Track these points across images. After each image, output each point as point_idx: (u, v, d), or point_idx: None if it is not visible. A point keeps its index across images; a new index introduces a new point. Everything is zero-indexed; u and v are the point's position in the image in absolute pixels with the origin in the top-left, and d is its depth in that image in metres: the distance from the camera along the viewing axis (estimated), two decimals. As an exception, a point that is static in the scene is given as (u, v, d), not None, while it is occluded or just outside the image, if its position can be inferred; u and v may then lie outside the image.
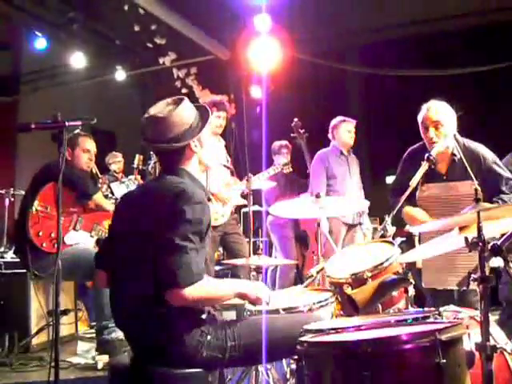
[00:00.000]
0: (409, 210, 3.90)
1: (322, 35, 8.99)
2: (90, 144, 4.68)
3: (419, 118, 3.93)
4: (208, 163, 2.78)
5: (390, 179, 12.07)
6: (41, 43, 8.20)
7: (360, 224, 6.14)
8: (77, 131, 4.62)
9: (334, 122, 6.18)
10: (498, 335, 2.70)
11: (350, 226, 6.04)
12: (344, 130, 6.10)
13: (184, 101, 2.68)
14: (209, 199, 2.74)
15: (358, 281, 3.03)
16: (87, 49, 8.64)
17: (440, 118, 3.82)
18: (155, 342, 2.47)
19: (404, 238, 4.84)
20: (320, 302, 3.08)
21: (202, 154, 2.71)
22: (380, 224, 6.36)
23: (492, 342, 2.18)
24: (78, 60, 8.50)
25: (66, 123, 2.63)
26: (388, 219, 3.63)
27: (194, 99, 8.66)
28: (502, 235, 2.50)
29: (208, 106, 2.87)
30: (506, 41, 7.82)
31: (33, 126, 2.62)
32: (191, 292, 2.35)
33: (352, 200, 5.12)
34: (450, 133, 3.84)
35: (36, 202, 4.30)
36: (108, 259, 2.71)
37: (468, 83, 8.61)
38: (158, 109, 2.65)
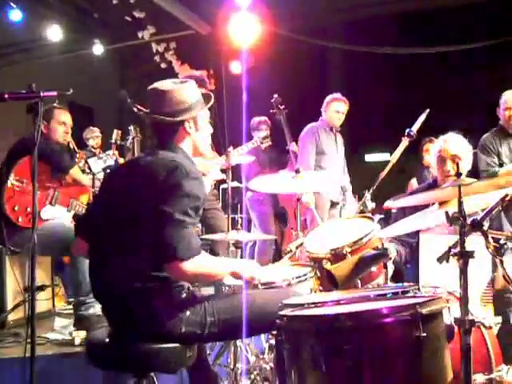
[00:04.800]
0: None
1: (302, 11, 8.92)
2: (65, 117, 4.59)
3: (434, 151, 3.74)
4: (202, 149, 2.81)
5: (368, 157, 12.15)
6: (16, 15, 7.99)
7: (343, 204, 6.13)
8: (53, 105, 4.54)
9: (327, 98, 6.11)
10: (475, 311, 2.72)
11: (333, 204, 6.02)
12: (332, 109, 6.04)
13: (190, 82, 2.76)
14: None
15: (337, 256, 3.03)
16: (64, 21, 8.47)
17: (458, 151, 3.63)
18: (134, 317, 2.47)
19: (382, 216, 4.85)
20: (299, 277, 3.08)
21: (197, 138, 2.76)
22: (359, 200, 6.38)
23: (470, 317, 2.20)
24: (54, 33, 8.33)
25: (41, 93, 2.56)
26: (368, 195, 3.63)
27: (173, 74, 8.63)
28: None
29: None
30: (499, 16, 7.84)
31: (6, 96, 2.56)
32: (190, 266, 2.39)
33: (331, 176, 5.09)
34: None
35: (11, 176, 4.21)
36: (90, 229, 2.71)
37: (452, 60, 8.64)
38: (163, 84, 2.72)
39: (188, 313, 2.49)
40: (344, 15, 9.32)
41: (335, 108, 6.04)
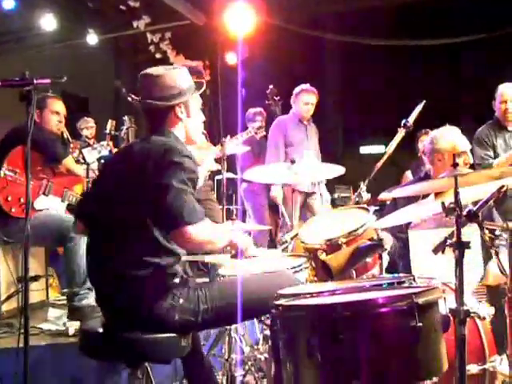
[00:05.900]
0: None
1: (298, 2, 8.90)
2: (59, 106, 4.55)
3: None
4: (193, 136, 2.82)
5: (364, 149, 12.13)
6: (8, 3, 7.90)
7: (320, 194, 6.11)
8: (46, 93, 4.50)
9: (296, 89, 6.09)
10: (470, 302, 2.72)
11: (306, 195, 6.01)
12: (301, 101, 6.04)
13: (182, 68, 2.78)
14: None
15: (332, 247, 3.01)
16: (58, 10, 8.40)
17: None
18: (128, 306, 2.46)
19: (378, 207, 4.84)
20: (294, 267, 3.07)
21: (188, 125, 2.76)
22: (354, 193, 6.37)
23: (465, 308, 2.20)
24: (48, 22, 8.26)
25: (35, 81, 2.54)
26: (363, 186, 3.61)
27: (167, 64, 8.57)
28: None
29: None
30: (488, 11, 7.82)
31: (-1, 84, 2.54)
32: (197, 231, 2.41)
33: (326, 166, 5.07)
34: None
35: (4, 166, 4.18)
36: (87, 215, 2.73)
37: (444, 53, 8.63)
38: (154, 69, 2.73)
39: (181, 300, 2.49)
40: (341, 6, 9.29)
41: (304, 100, 6.03)
